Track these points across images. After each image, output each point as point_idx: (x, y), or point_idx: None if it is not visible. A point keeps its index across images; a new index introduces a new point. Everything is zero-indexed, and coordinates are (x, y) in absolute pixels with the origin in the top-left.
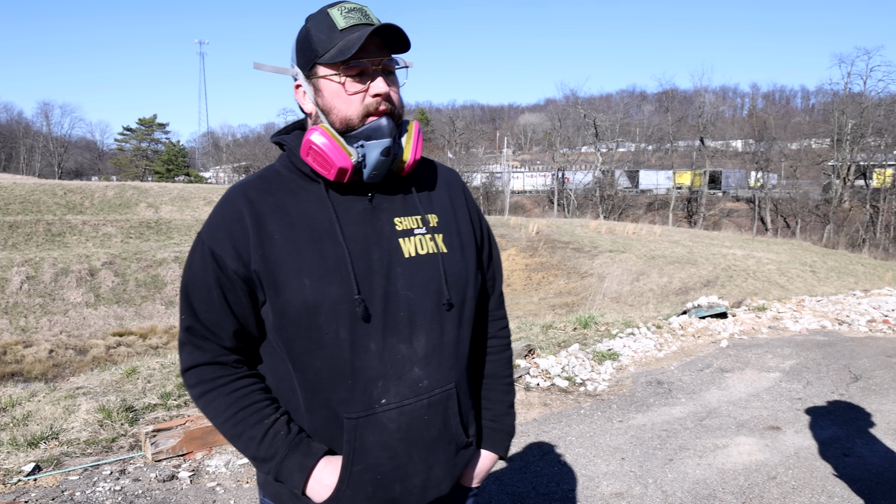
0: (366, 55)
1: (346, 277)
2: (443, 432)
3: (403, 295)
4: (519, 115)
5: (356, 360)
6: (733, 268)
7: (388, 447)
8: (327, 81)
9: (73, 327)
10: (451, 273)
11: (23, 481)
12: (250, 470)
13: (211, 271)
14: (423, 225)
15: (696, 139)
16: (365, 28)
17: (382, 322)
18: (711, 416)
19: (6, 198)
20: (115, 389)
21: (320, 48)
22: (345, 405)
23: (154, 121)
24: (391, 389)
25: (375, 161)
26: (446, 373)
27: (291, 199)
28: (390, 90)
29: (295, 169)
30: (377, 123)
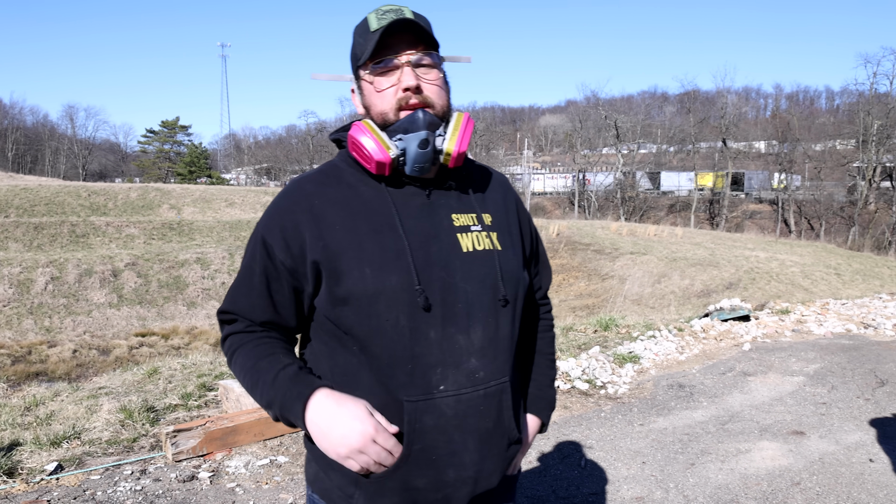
0: (391, 52)
1: (405, 268)
2: (497, 425)
3: (461, 287)
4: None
5: (416, 346)
6: (756, 270)
7: (445, 432)
8: (365, 82)
9: (97, 327)
10: (507, 270)
11: (45, 480)
12: (270, 471)
13: (259, 258)
14: (479, 222)
15: (719, 140)
16: (387, 23)
17: (441, 312)
18: (734, 421)
19: (32, 199)
20: (136, 390)
21: (359, 52)
22: (404, 389)
23: (177, 123)
24: (449, 377)
25: (414, 154)
26: (501, 366)
27: (351, 191)
28: (421, 83)
29: (353, 163)
30: (412, 116)
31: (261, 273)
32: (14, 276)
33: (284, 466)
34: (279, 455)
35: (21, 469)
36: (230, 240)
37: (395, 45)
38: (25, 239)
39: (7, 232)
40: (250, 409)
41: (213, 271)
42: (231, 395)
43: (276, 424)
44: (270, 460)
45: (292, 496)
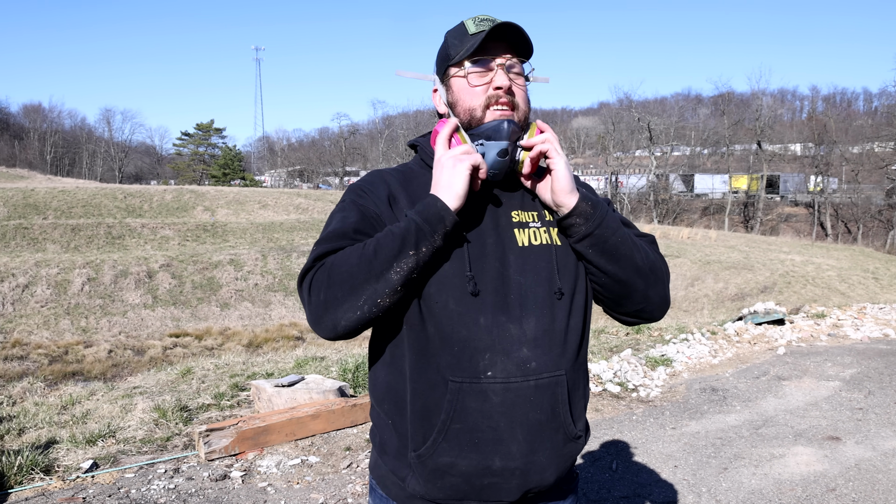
0: (489, 53)
1: (459, 255)
2: (550, 418)
3: (515, 279)
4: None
5: (463, 329)
6: (791, 274)
7: (490, 417)
8: (456, 79)
9: (132, 328)
10: (564, 264)
11: (81, 478)
12: (301, 471)
13: (351, 209)
14: (539, 219)
15: (754, 143)
16: (488, 27)
17: (493, 300)
18: (768, 425)
19: (69, 201)
20: (170, 389)
21: (453, 52)
22: (451, 370)
23: (211, 126)
24: (498, 364)
25: (492, 161)
26: (556, 359)
27: (422, 189)
28: (513, 85)
29: (426, 166)
30: (498, 125)
31: (357, 221)
32: (52, 276)
33: (315, 466)
34: (310, 455)
35: (57, 466)
36: (263, 241)
37: (491, 49)
38: (63, 240)
39: (45, 233)
40: (282, 410)
41: (247, 272)
42: (263, 395)
43: (308, 425)
44: (301, 460)
45: (323, 496)
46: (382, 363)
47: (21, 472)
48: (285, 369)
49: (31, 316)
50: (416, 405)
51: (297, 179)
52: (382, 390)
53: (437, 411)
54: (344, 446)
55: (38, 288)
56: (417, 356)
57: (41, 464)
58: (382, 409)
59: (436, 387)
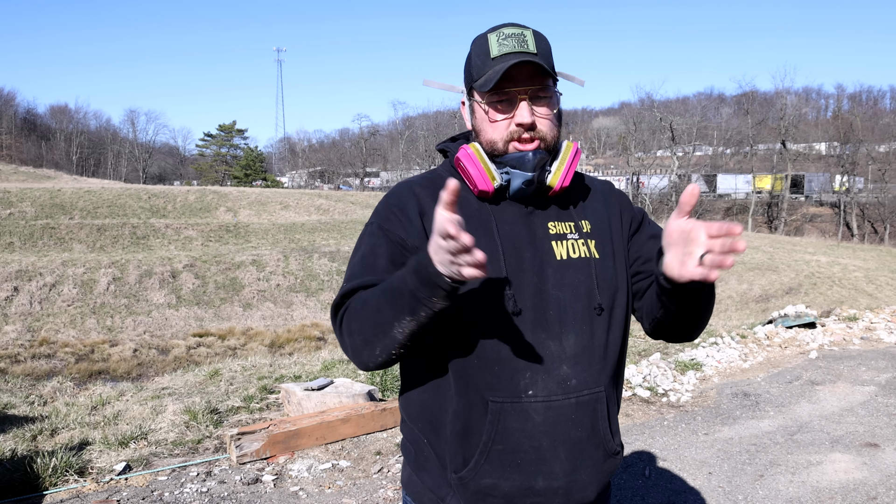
0: (511, 84)
1: (496, 272)
2: (591, 435)
3: (553, 294)
4: (593, 118)
5: (503, 349)
6: (817, 275)
7: (532, 437)
8: (478, 106)
9: (156, 327)
10: (603, 278)
11: (115, 480)
12: (332, 475)
13: (378, 236)
14: (577, 231)
15: (778, 142)
16: (511, 58)
17: (532, 317)
18: (803, 431)
19: (95, 202)
20: (198, 391)
21: (475, 73)
22: (491, 389)
23: (233, 127)
24: (539, 382)
25: (517, 189)
26: (595, 375)
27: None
28: (536, 119)
29: (457, 175)
30: (522, 156)
31: (385, 254)
32: (78, 276)
33: (346, 471)
34: (341, 459)
35: (91, 468)
36: (284, 242)
37: (514, 77)
38: (89, 240)
39: (72, 233)
40: (312, 413)
41: (269, 273)
42: (293, 398)
43: (338, 429)
44: (333, 464)
45: (355, 500)
46: (416, 381)
47: (56, 474)
48: (312, 372)
49: (57, 315)
50: (456, 426)
51: (317, 180)
52: (416, 409)
53: (477, 432)
54: (374, 451)
55: (65, 287)
56: (456, 376)
57: (75, 465)
58: (416, 427)
59: (475, 407)
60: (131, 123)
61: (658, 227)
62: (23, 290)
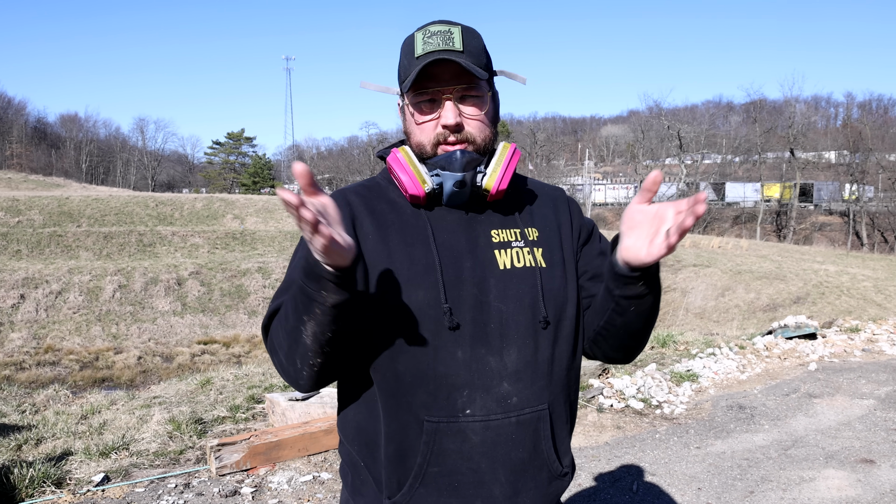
0: (434, 84)
1: (433, 283)
2: (533, 456)
3: (495, 306)
4: (601, 126)
5: (440, 365)
6: (825, 284)
7: (470, 458)
8: (406, 108)
9: (161, 335)
10: (549, 289)
11: (91, 491)
12: (313, 487)
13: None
14: (522, 238)
15: (786, 150)
16: (431, 56)
17: (471, 331)
18: (797, 446)
19: (102, 209)
20: (188, 400)
21: (402, 74)
22: (426, 409)
23: (242, 135)
24: (477, 401)
25: (449, 192)
26: (538, 392)
27: (388, 206)
28: (463, 120)
29: (394, 181)
30: (450, 156)
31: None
32: (84, 283)
33: (328, 483)
34: (322, 471)
35: (70, 479)
36: (291, 249)
37: (438, 76)
38: (96, 248)
39: (79, 241)
40: (295, 424)
41: (274, 280)
42: (277, 408)
43: (321, 440)
44: (314, 476)
45: None
46: (350, 400)
47: (33, 485)
48: None
49: (63, 322)
50: (390, 449)
51: (325, 188)
52: (352, 430)
53: (412, 454)
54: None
55: (71, 294)
56: (388, 395)
57: (53, 476)
58: (353, 448)
59: (409, 428)
60: (140, 132)
61: (608, 243)
62: (29, 298)
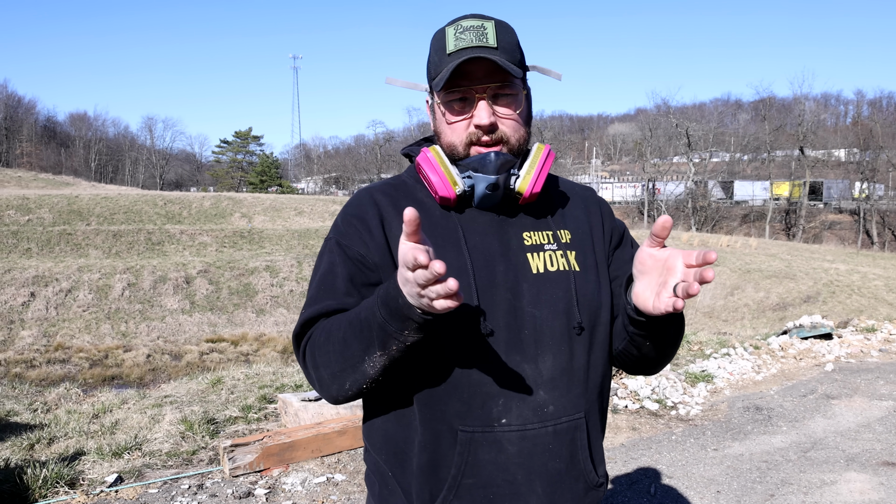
0: (467, 82)
1: (465, 288)
2: (570, 466)
3: (529, 312)
4: (608, 124)
5: (474, 373)
6: (836, 283)
7: (506, 470)
8: (437, 106)
9: (170, 333)
10: (583, 293)
11: (105, 492)
12: (327, 489)
13: (337, 257)
14: (555, 241)
15: (796, 149)
16: (465, 54)
17: (505, 337)
18: (817, 448)
19: (111, 208)
20: (199, 400)
21: (433, 70)
22: (461, 418)
23: (249, 133)
24: (513, 410)
25: (482, 195)
26: (575, 400)
27: (418, 206)
28: (497, 119)
29: (421, 180)
30: (484, 158)
31: (343, 274)
32: (94, 281)
33: (341, 485)
34: (336, 473)
35: (83, 480)
36: (298, 248)
37: (471, 74)
38: (105, 246)
39: (88, 239)
40: (308, 425)
41: (282, 279)
42: (290, 408)
43: (334, 441)
44: (328, 478)
45: None
46: (378, 408)
47: (46, 486)
48: None
49: (73, 320)
50: (422, 459)
51: (332, 186)
52: (380, 439)
53: (445, 465)
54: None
55: (81, 293)
56: (421, 405)
57: (66, 477)
58: (380, 458)
59: (443, 438)
60: (149, 130)
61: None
62: (39, 296)
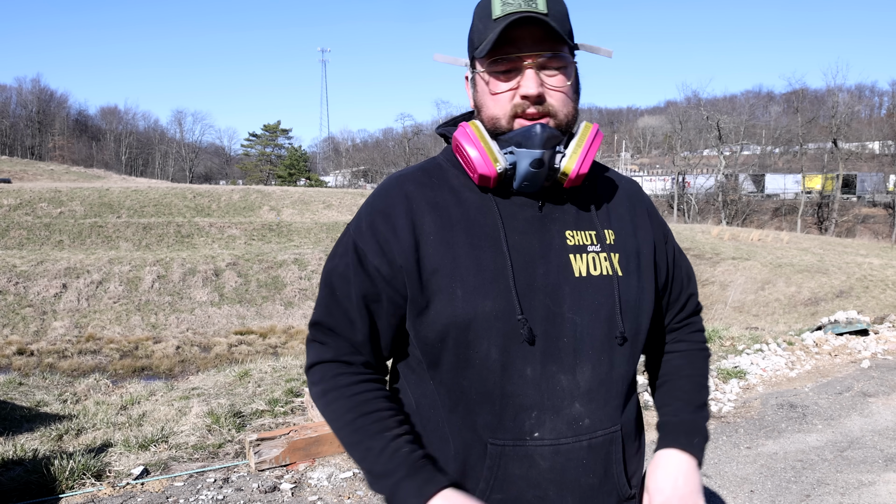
0: (514, 49)
1: (503, 292)
2: (603, 481)
3: (569, 318)
4: (638, 117)
5: (507, 384)
6: (869, 278)
7: (537, 486)
8: (479, 77)
9: (199, 325)
10: (626, 300)
11: (131, 484)
12: (353, 485)
13: (351, 266)
14: (599, 241)
15: (829, 141)
16: (512, 17)
17: (543, 346)
18: (853, 447)
19: (141, 201)
20: (226, 392)
21: (476, 39)
22: (491, 430)
23: (278, 127)
24: (546, 423)
25: (525, 172)
26: (612, 413)
27: (453, 196)
28: (545, 91)
29: (458, 163)
30: (529, 130)
31: (356, 293)
32: (124, 273)
33: None
34: None
35: (109, 472)
36: (327, 241)
37: (519, 41)
38: (135, 238)
39: (119, 232)
40: None
41: (310, 272)
42: None
43: None
44: (354, 473)
45: None
46: (407, 412)
47: (73, 477)
48: None
49: (104, 311)
50: (451, 467)
51: (361, 179)
52: None
53: (472, 477)
54: None
55: (112, 284)
56: (450, 412)
57: (93, 468)
58: None
59: (472, 449)
60: (178, 124)
61: (678, 247)
62: (71, 287)
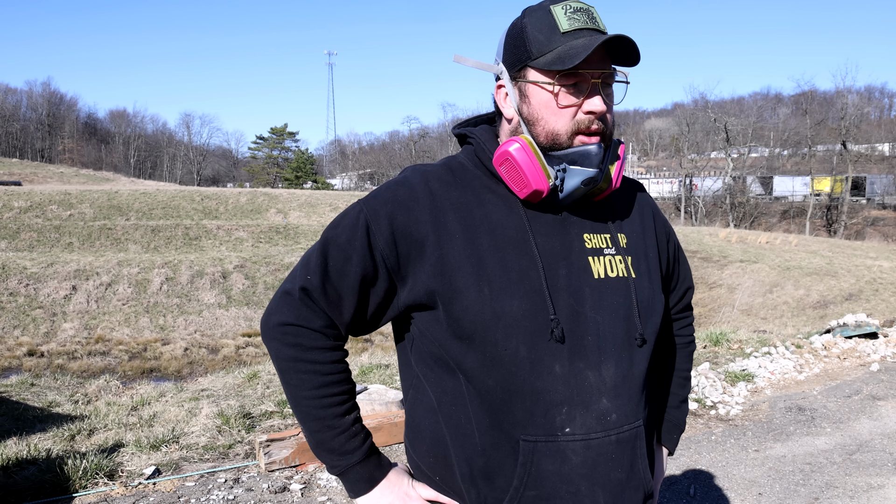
0: (587, 66)
1: (529, 292)
2: (630, 475)
3: (591, 318)
4: (644, 120)
5: (537, 380)
6: (879, 281)
7: (570, 481)
8: (538, 89)
9: (207, 327)
10: (642, 301)
11: (143, 484)
12: None
13: (358, 243)
14: (613, 245)
15: (838, 143)
16: (592, 35)
17: (570, 344)
18: (862, 451)
19: (150, 203)
20: (235, 394)
21: (535, 49)
22: (522, 427)
23: (285, 129)
24: (577, 419)
25: (574, 188)
26: (635, 408)
27: (475, 198)
28: (606, 109)
29: (481, 165)
30: (586, 150)
31: (356, 274)
32: (133, 276)
33: None
34: None
35: (121, 471)
36: None
37: (590, 58)
38: (143, 241)
39: (128, 234)
40: None
41: None
42: None
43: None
44: None
45: None
46: (427, 410)
47: (86, 476)
48: None
49: (113, 313)
50: (477, 463)
51: (367, 182)
52: (426, 442)
53: (503, 474)
54: (406, 460)
55: (120, 286)
56: (478, 410)
57: (105, 468)
58: (424, 463)
59: (501, 446)
60: (186, 127)
61: (678, 243)
62: (80, 289)
